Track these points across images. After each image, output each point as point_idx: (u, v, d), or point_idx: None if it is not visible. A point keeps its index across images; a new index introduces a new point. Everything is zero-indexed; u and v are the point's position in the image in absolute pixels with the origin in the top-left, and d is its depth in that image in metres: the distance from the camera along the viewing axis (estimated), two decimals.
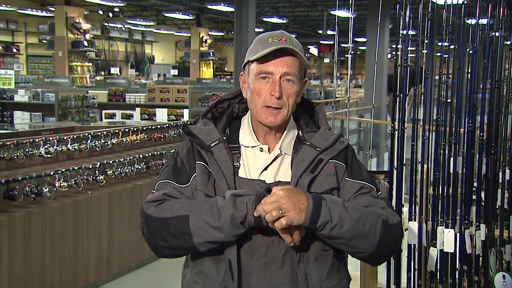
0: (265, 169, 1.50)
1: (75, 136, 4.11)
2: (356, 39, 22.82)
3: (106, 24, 21.33)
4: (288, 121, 1.55)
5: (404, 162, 2.63)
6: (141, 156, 4.41)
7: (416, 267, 2.68)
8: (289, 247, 1.42)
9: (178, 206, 1.43)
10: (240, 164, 1.51)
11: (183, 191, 1.49)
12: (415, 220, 2.64)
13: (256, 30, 12.58)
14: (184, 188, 1.50)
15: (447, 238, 2.56)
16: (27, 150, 3.70)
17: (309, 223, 1.34)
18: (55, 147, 3.89)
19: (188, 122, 1.63)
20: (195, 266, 1.52)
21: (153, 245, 1.47)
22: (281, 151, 1.52)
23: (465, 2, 2.53)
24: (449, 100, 2.61)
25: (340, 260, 1.53)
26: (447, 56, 2.60)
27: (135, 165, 4.31)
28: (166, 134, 5.06)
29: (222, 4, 16.52)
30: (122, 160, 4.20)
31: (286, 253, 1.44)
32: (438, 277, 2.60)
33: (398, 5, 2.61)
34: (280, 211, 1.32)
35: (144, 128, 4.87)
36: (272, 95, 1.46)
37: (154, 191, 1.52)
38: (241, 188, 1.47)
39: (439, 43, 2.61)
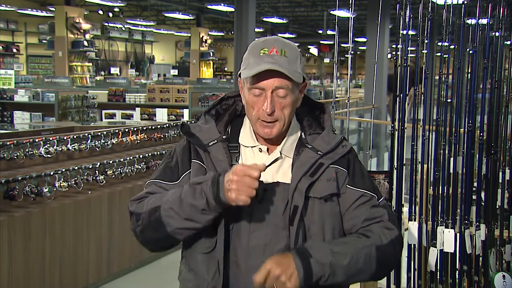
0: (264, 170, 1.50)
1: (75, 136, 4.11)
2: (356, 39, 22.82)
3: (106, 24, 21.33)
4: (288, 127, 1.53)
5: (404, 162, 2.63)
6: (141, 156, 4.41)
7: (416, 267, 2.68)
8: (287, 247, 1.42)
9: (152, 200, 1.47)
10: (238, 163, 1.51)
11: (170, 188, 1.51)
12: (415, 220, 2.64)
13: (256, 30, 12.59)
14: (171, 186, 1.51)
15: (447, 238, 2.56)
16: (27, 150, 3.70)
17: (304, 285, 1.34)
18: (55, 147, 3.89)
19: (188, 122, 1.62)
20: (187, 264, 1.54)
21: (140, 241, 1.52)
22: (281, 154, 1.51)
23: (465, 2, 2.53)
24: (449, 100, 2.61)
25: None
26: (447, 56, 2.60)
27: (135, 165, 4.31)
28: (166, 134, 5.06)
29: (222, 4, 16.51)
30: (122, 160, 4.20)
31: (283, 253, 1.44)
32: (438, 277, 2.60)
33: (398, 5, 2.61)
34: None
35: (144, 128, 4.87)
36: (265, 111, 1.44)
37: (145, 189, 1.56)
38: None
39: (439, 43, 2.61)
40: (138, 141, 4.73)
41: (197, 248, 1.48)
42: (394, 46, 2.75)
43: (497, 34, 2.62)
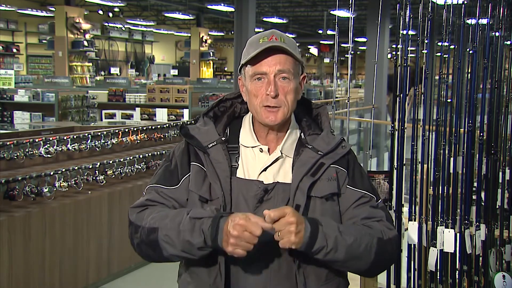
0: (265, 170, 1.50)
1: (75, 136, 4.11)
2: (356, 39, 22.81)
3: (106, 24, 21.33)
4: (289, 121, 1.55)
5: (404, 162, 2.63)
6: (141, 156, 4.41)
7: (416, 267, 2.68)
8: (287, 250, 1.42)
9: (152, 216, 1.45)
10: (238, 164, 1.51)
11: (170, 193, 1.51)
12: (415, 220, 2.64)
13: (256, 30, 12.58)
14: (172, 190, 1.51)
15: (447, 238, 2.56)
16: (27, 150, 3.70)
17: (304, 248, 1.35)
18: (55, 147, 3.89)
19: (188, 122, 1.62)
20: (188, 267, 1.54)
21: (137, 251, 1.52)
22: (282, 153, 1.52)
23: (465, 2, 2.52)
24: (449, 100, 2.61)
25: None
26: (447, 56, 2.60)
27: (135, 165, 4.31)
28: (166, 134, 5.06)
29: (222, 4, 16.51)
30: (122, 160, 4.20)
31: (283, 256, 1.44)
32: (438, 277, 2.60)
33: (398, 5, 2.61)
34: (278, 234, 1.32)
35: (144, 128, 4.87)
36: (269, 95, 1.45)
37: (144, 193, 1.55)
38: (239, 188, 1.47)
39: (439, 43, 2.61)
40: (138, 141, 4.73)
41: None
42: (394, 46, 2.75)
43: (497, 34, 2.62)
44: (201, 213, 1.39)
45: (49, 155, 3.84)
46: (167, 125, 5.17)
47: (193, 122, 1.62)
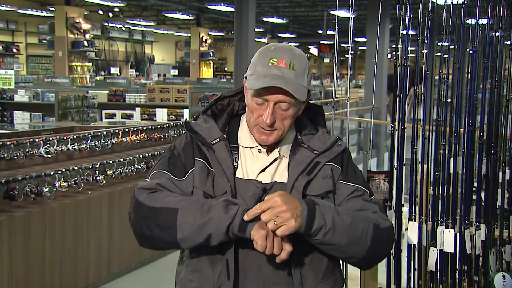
0: (263, 170, 1.50)
1: (75, 136, 4.11)
2: (356, 39, 22.81)
3: (106, 24, 21.34)
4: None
5: (404, 162, 2.63)
6: (141, 156, 4.41)
7: (416, 267, 2.68)
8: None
9: (170, 199, 1.41)
10: (238, 164, 1.51)
11: (178, 184, 1.48)
12: (415, 220, 2.64)
13: (256, 30, 12.60)
14: (179, 181, 1.48)
15: (447, 238, 2.56)
16: (27, 150, 3.70)
17: (304, 229, 1.33)
18: (55, 147, 3.89)
19: (191, 120, 1.61)
20: (190, 264, 1.52)
21: (138, 233, 1.45)
22: (279, 154, 1.52)
23: (465, 2, 2.52)
24: (449, 100, 2.61)
25: (335, 262, 1.54)
26: (447, 56, 2.60)
27: (135, 165, 4.31)
28: (166, 134, 5.06)
29: (222, 4, 16.52)
30: (122, 160, 4.20)
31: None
32: (438, 277, 2.60)
33: (398, 5, 2.61)
34: (275, 222, 1.30)
35: (144, 128, 4.87)
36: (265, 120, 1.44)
37: (148, 180, 1.51)
38: (238, 188, 1.47)
39: (439, 43, 2.61)
40: (138, 141, 4.73)
41: (201, 249, 1.46)
42: (394, 46, 2.75)
43: (497, 34, 2.62)
44: (237, 201, 1.38)
45: (49, 155, 3.84)
46: (167, 125, 5.17)
47: (193, 119, 1.61)
